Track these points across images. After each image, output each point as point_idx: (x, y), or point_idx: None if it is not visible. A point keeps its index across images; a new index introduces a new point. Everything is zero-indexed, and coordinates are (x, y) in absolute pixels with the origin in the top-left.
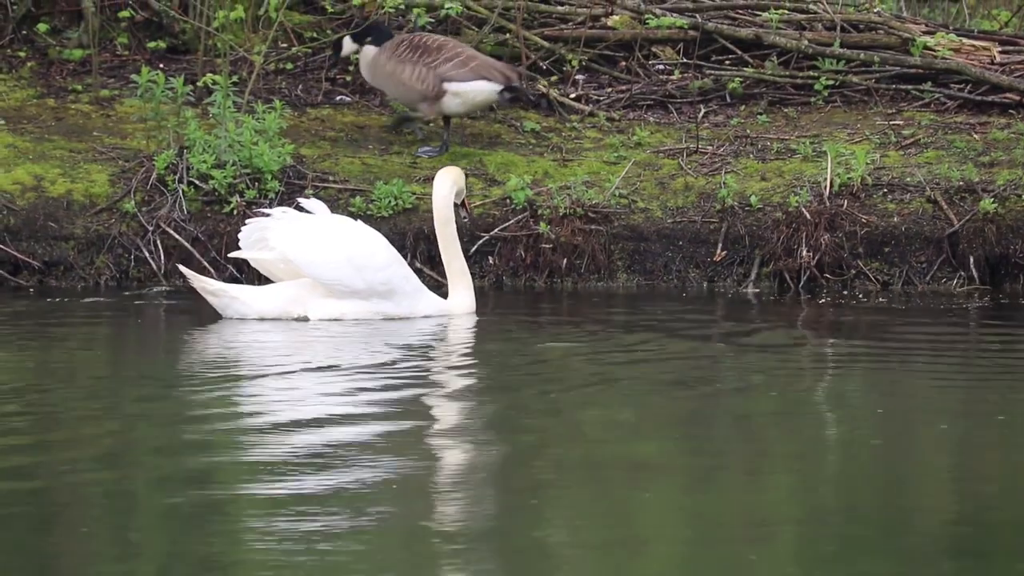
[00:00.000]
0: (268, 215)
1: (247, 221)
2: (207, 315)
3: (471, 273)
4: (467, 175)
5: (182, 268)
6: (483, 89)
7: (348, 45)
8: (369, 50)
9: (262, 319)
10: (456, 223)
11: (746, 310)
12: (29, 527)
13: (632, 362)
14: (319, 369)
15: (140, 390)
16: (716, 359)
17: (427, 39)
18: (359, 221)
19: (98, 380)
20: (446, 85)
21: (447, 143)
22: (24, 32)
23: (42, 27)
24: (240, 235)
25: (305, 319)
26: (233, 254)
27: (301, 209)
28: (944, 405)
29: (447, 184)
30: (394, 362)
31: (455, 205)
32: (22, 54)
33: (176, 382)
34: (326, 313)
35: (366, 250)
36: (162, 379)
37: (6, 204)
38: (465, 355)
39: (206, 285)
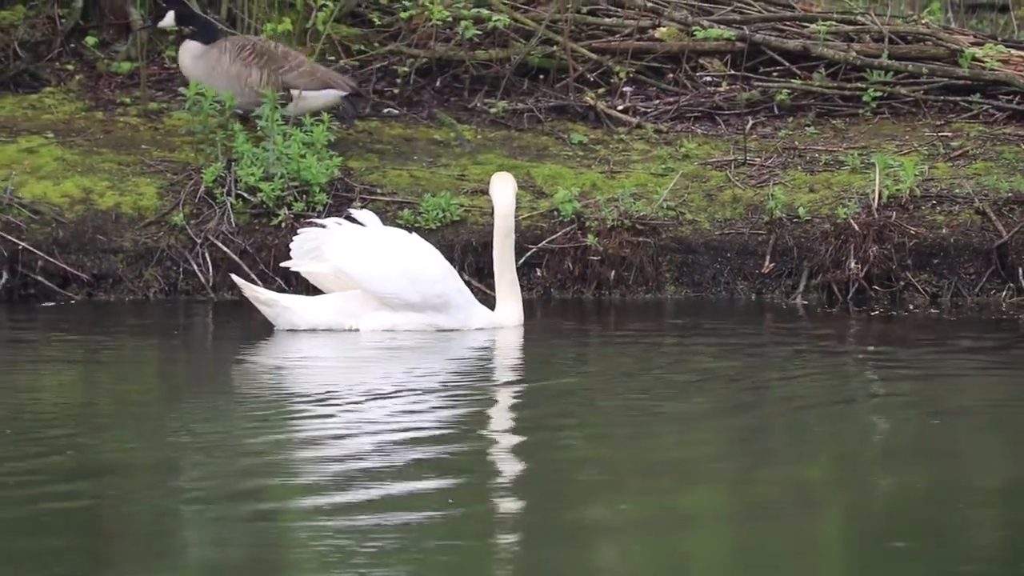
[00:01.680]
0: (321, 226)
1: (299, 231)
2: (257, 327)
3: (520, 285)
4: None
5: (234, 278)
6: (329, 96)
7: (169, 19)
8: (195, 45)
9: (314, 330)
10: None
11: (794, 322)
12: (82, 550)
13: (681, 374)
14: (372, 382)
15: (192, 405)
16: (766, 371)
17: (270, 45)
18: (413, 233)
19: (150, 393)
20: (292, 92)
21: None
22: (72, 45)
23: (90, 40)
24: (292, 246)
25: (357, 331)
26: (285, 264)
27: (353, 220)
28: (997, 417)
29: (510, 191)
30: (446, 376)
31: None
32: (71, 67)
33: (228, 396)
34: (378, 325)
35: (421, 263)
36: (214, 393)
37: (55, 217)
38: (516, 368)
39: (258, 295)
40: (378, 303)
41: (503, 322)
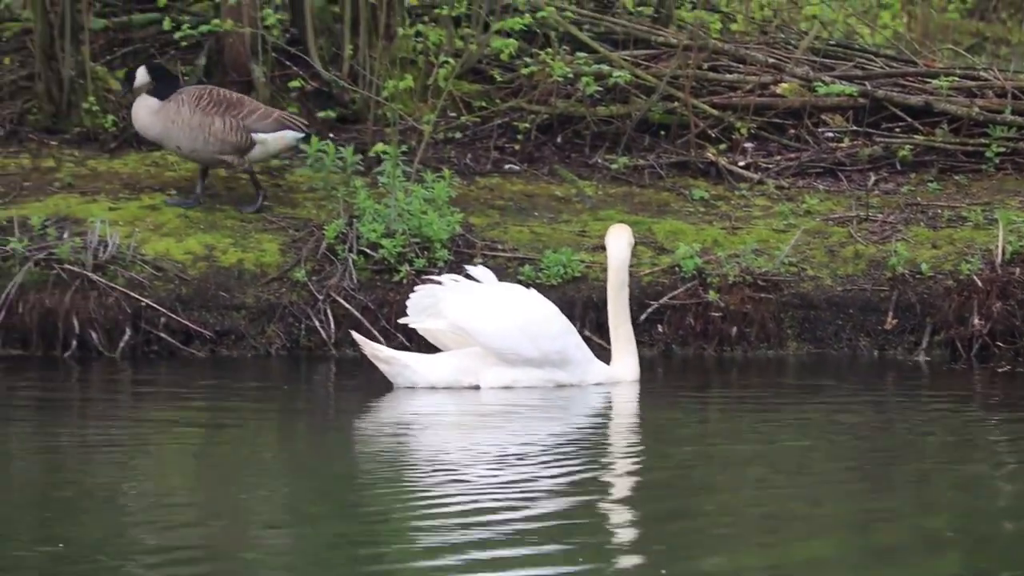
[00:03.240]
0: (437, 283)
1: (416, 289)
2: (378, 384)
3: (641, 341)
4: (636, 243)
5: (355, 335)
6: (288, 137)
7: (142, 76)
8: (153, 101)
9: (433, 388)
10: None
11: (918, 378)
12: None
13: (803, 430)
14: (492, 441)
15: (314, 463)
16: (889, 427)
17: (223, 92)
18: (531, 289)
19: (271, 451)
20: (254, 136)
21: (200, 196)
22: None
23: None
24: (408, 303)
25: (476, 388)
26: (402, 321)
27: (469, 277)
28: None
29: (624, 245)
30: (566, 434)
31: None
32: None
33: (350, 455)
34: (498, 381)
35: (539, 318)
36: (336, 452)
37: (178, 274)
38: (635, 426)
39: (378, 353)
40: (496, 360)
41: (620, 377)
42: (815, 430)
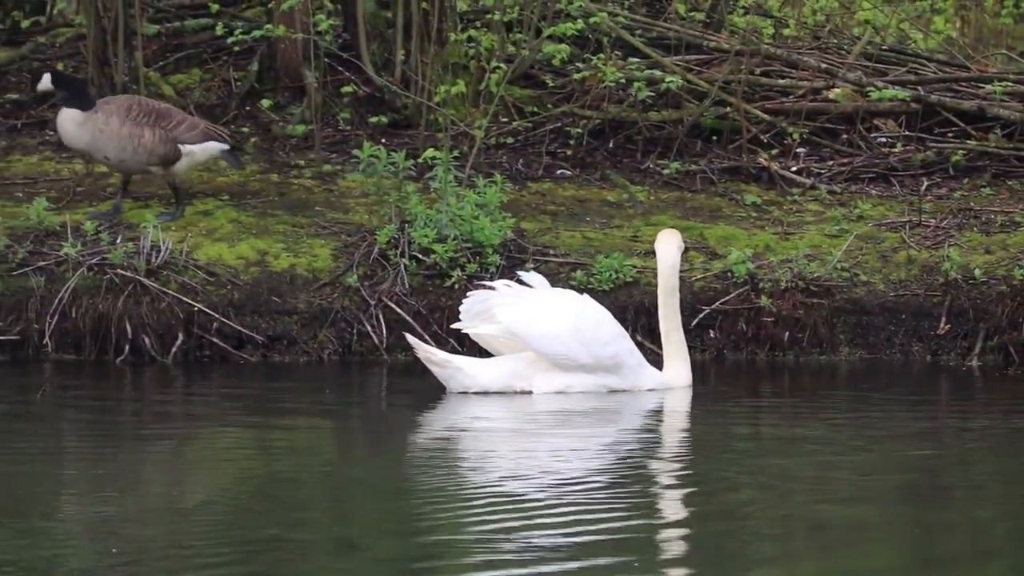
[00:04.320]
0: (490, 288)
1: (468, 294)
2: (431, 388)
3: (693, 346)
4: (688, 248)
5: (408, 337)
6: (213, 148)
7: (46, 83)
8: (75, 112)
9: (485, 392)
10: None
11: (970, 384)
12: None
13: (856, 444)
14: (544, 448)
15: (368, 469)
16: (942, 433)
17: (151, 103)
18: (585, 295)
19: (325, 457)
20: (181, 147)
21: (119, 208)
22: (247, 108)
23: (265, 103)
24: (461, 308)
25: (528, 392)
26: (455, 326)
27: (521, 283)
28: None
29: (673, 250)
30: (618, 442)
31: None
32: (245, 130)
33: (400, 467)
34: (550, 387)
35: (592, 324)
36: (390, 456)
37: (230, 279)
38: (686, 433)
39: (431, 356)
40: (549, 365)
41: (672, 383)
42: (867, 438)
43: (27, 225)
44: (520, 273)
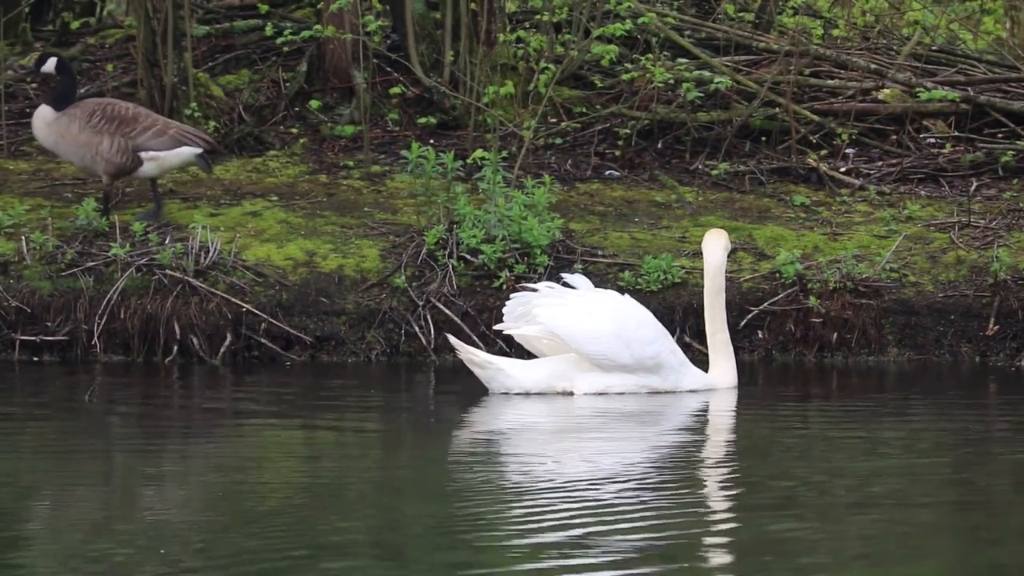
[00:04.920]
0: (533, 290)
1: (511, 296)
2: (476, 390)
3: (741, 347)
4: (736, 249)
5: (451, 339)
6: (185, 153)
7: (50, 66)
8: (48, 111)
9: (527, 393)
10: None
11: (1020, 385)
12: None
13: (904, 448)
14: (586, 451)
15: (413, 471)
16: (990, 437)
17: (119, 107)
18: (626, 295)
19: (369, 457)
20: (143, 154)
21: (160, 205)
22: (297, 109)
23: (314, 104)
24: (504, 309)
25: (570, 393)
26: (497, 327)
27: (566, 285)
28: None
29: (720, 250)
30: (660, 443)
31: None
32: (295, 131)
33: (449, 461)
34: (592, 387)
35: (634, 324)
36: (435, 458)
37: (279, 280)
38: (730, 436)
39: (473, 357)
40: (590, 365)
41: (716, 384)
42: (915, 441)
43: (76, 226)
44: (564, 275)
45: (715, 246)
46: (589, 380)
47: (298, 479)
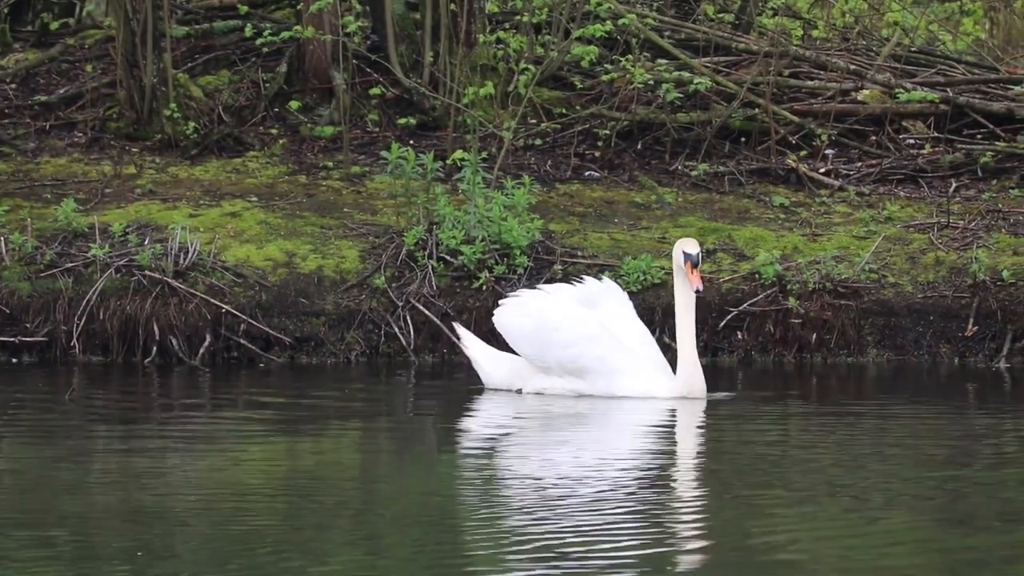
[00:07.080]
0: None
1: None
2: (457, 391)
3: (720, 347)
4: (716, 250)
5: (457, 327)
6: None
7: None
8: None
9: (496, 390)
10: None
11: (998, 386)
12: None
13: (883, 443)
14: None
15: (394, 471)
16: (971, 437)
17: None
18: (606, 280)
19: (355, 455)
20: None
21: None
22: (276, 110)
23: (294, 105)
24: (501, 301)
25: (519, 392)
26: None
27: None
28: None
29: (678, 252)
30: (621, 446)
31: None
32: (274, 131)
33: (430, 462)
34: (533, 388)
35: (552, 326)
36: (417, 459)
37: (258, 280)
38: (702, 440)
39: (466, 349)
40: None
41: (659, 392)
42: (893, 445)
43: (55, 227)
44: (587, 278)
45: (676, 249)
46: (533, 380)
47: (273, 481)
